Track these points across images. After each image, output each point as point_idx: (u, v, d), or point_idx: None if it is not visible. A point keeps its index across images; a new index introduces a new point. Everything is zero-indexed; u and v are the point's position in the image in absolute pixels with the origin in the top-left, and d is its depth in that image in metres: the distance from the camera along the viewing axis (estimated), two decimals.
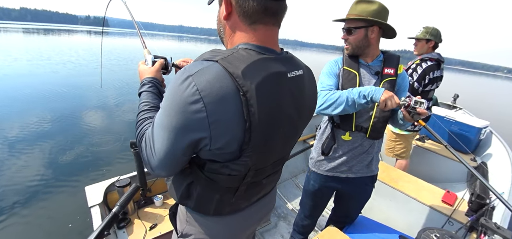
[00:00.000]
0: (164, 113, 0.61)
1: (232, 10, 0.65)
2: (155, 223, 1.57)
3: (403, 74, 1.32)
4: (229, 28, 0.68)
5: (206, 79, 0.56)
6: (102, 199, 1.53)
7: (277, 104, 0.65)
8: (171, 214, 0.93)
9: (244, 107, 0.58)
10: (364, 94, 1.14)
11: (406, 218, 2.00)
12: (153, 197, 1.75)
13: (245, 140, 0.61)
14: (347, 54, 1.34)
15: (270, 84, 0.62)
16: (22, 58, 13.40)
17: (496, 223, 1.39)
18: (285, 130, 0.70)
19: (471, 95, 16.52)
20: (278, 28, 0.69)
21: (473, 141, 3.02)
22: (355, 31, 1.25)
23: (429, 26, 2.23)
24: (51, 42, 26.11)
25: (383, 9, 1.21)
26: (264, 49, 0.65)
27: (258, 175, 0.74)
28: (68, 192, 3.13)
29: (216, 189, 0.72)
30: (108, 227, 0.83)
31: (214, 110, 0.57)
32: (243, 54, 0.61)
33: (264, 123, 0.62)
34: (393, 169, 2.32)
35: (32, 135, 4.45)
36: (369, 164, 1.41)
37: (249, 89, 0.57)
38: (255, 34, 0.65)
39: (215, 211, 0.77)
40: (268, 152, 0.70)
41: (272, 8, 0.63)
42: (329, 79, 1.34)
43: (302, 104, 0.74)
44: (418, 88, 2.20)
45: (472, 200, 1.69)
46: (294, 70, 0.69)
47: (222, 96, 0.56)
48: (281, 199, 2.63)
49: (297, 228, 1.78)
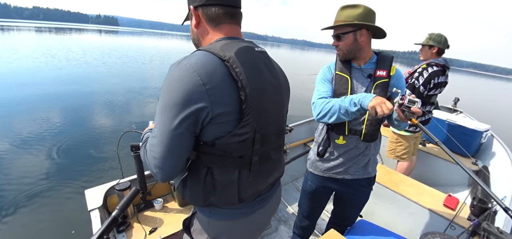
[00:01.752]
0: (162, 98, 0.69)
1: (200, 19, 0.80)
2: (155, 227, 1.56)
3: (398, 74, 1.31)
4: (200, 35, 0.83)
5: (195, 59, 0.68)
6: (102, 203, 1.52)
7: (256, 68, 0.77)
8: (186, 227, 0.94)
9: (231, 71, 0.69)
10: (354, 102, 1.14)
11: (407, 222, 1.98)
12: (153, 200, 1.74)
13: (242, 99, 0.70)
14: (339, 59, 1.35)
15: (245, 53, 0.75)
16: (30, 56, 13.55)
17: (498, 228, 1.37)
18: (271, 93, 0.81)
19: (472, 98, 16.48)
20: (239, 27, 0.84)
21: (474, 145, 3.01)
22: (344, 36, 1.27)
23: (433, 33, 2.29)
24: (62, 41, 26.35)
25: (369, 11, 1.22)
26: (232, 37, 0.80)
27: (265, 143, 0.81)
28: (68, 196, 3.12)
29: (232, 164, 0.76)
30: (107, 231, 0.82)
31: (208, 79, 0.66)
32: (216, 43, 0.75)
33: (251, 81, 0.72)
34: (394, 173, 2.31)
35: (32, 136, 4.44)
36: (365, 166, 1.41)
37: (230, 57, 0.70)
38: (221, 31, 0.80)
39: (240, 197, 0.80)
40: (264, 111, 0.79)
41: (229, 12, 0.79)
42: (324, 86, 1.35)
43: (275, 73, 0.86)
44: (424, 92, 2.24)
45: (474, 204, 1.67)
46: (258, 47, 0.84)
47: (211, 67, 0.68)
48: (282, 202, 2.62)
49: (296, 230, 1.78)
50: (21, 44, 19.51)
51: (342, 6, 1.27)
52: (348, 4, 1.25)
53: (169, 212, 1.72)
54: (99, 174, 3.60)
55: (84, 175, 3.55)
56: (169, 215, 1.69)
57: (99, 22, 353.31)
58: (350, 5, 1.24)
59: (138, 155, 1.60)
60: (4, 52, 14.47)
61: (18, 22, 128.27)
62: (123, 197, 0.92)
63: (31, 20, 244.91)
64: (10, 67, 10.34)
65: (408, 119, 1.11)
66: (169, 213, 1.71)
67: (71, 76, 9.59)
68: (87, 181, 3.41)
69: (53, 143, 4.34)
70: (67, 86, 8.03)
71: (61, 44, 22.03)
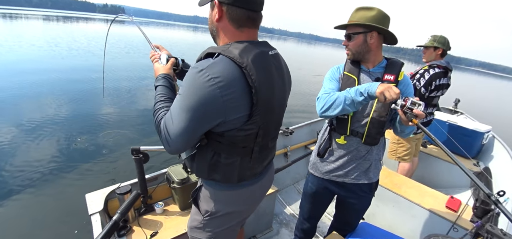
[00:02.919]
0: (183, 98, 0.77)
1: (223, 15, 0.84)
2: (156, 231, 1.55)
3: (406, 81, 1.31)
4: (220, 29, 0.88)
5: (218, 69, 0.75)
6: (103, 207, 1.52)
7: (268, 73, 0.85)
8: (194, 199, 1.06)
9: (248, 78, 0.77)
10: (361, 91, 1.14)
11: (409, 224, 1.97)
12: (154, 204, 1.73)
13: (253, 102, 0.80)
14: (348, 59, 1.36)
15: (260, 58, 0.82)
16: (35, 45, 13.68)
17: (502, 230, 1.36)
18: (277, 94, 0.91)
19: (475, 98, 16.42)
20: (258, 29, 0.91)
21: (475, 146, 3.00)
22: (354, 37, 1.27)
23: (436, 34, 2.31)
24: (68, 29, 26.77)
25: (383, 15, 1.23)
26: (250, 41, 0.86)
27: (266, 136, 0.93)
28: (68, 199, 3.10)
29: (236, 152, 0.88)
30: (108, 235, 0.82)
31: (227, 90, 0.75)
32: (236, 45, 0.81)
33: (263, 86, 0.81)
34: (396, 175, 2.30)
35: (30, 137, 4.43)
36: (366, 171, 1.40)
37: (247, 64, 0.77)
38: (242, 34, 0.86)
39: (239, 178, 0.94)
40: (270, 112, 0.89)
41: (253, 17, 0.85)
42: (330, 83, 1.36)
43: (282, 74, 0.95)
44: (425, 93, 2.24)
45: (476, 206, 1.66)
46: (272, 50, 0.92)
47: (232, 77, 0.75)
48: (283, 205, 2.61)
49: (298, 233, 1.77)
50: (27, 32, 19.76)
51: (357, 7, 1.28)
52: (363, 6, 1.26)
53: (170, 215, 1.71)
54: (100, 178, 3.60)
55: (84, 179, 3.54)
56: (170, 218, 1.68)
57: (106, 11, 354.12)
58: (365, 7, 1.25)
59: (138, 158, 1.60)
60: (10, 40, 14.57)
61: (27, 10, 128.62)
62: (124, 201, 0.92)
63: (39, 8, 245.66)
64: (12, 56, 10.40)
65: (410, 121, 1.11)
66: (170, 216, 1.70)
67: (73, 67, 9.57)
68: (88, 185, 3.41)
69: (53, 145, 4.34)
70: (68, 79, 7.92)
71: (67, 33, 22.29)
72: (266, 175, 1.09)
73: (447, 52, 2.33)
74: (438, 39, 2.29)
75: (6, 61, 9.70)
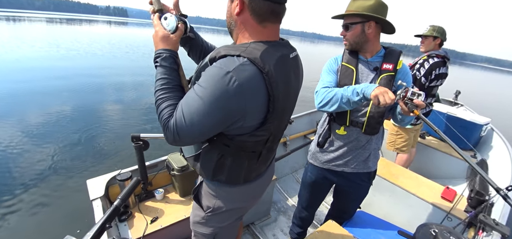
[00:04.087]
0: (204, 102, 0.68)
1: (244, 8, 0.75)
2: (156, 217, 1.59)
3: (405, 69, 1.30)
4: (241, 23, 0.79)
5: (244, 75, 0.68)
6: (104, 192, 1.54)
7: (287, 79, 0.80)
8: (195, 196, 1.04)
9: (267, 85, 0.72)
10: (357, 91, 1.14)
11: (405, 213, 2.01)
12: (154, 190, 1.76)
13: (269, 110, 0.76)
14: (346, 50, 1.35)
15: (281, 65, 0.77)
16: (35, 46, 13.72)
17: (494, 220, 1.40)
18: (292, 101, 0.89)
19: (473, 91, 16.38)
20: (280, 25, 0.83)
21: (474, 138, 3.02)
22: (351, 27, 1.26)
23: (435, 25, 2.31)
24: (70, 31, 26.83)
25: (381, 4, 1.21)
26: (272, 43, 0.79)
27: (275, 141, 0.92)
28: (70, 185, 3.15)
29: (244, 156, 0.86)
30: (109, 220, 0.84)
31: (250, 100, 0.71)
32: (257, 45, 0.75)
33: (281, 95, 0.77)
34: (393, 165, 2.32)
35: (33, 127, 4.46)
36: (366, 160, 1.41)
37: (269, 69, 0.71)
38: (264, 30, 0.78)
39: (245, 179, 0.92)
40: (283, 119, 0.88)
41: (277, 10, 0.77)
42: (328, 76, 1.35)
43: (299, 78, 0.92)
44: (425, 83, 2.26)
45: (471, 197, 1.69)
46: (293, 52, 0.86)
47: (256, 86, 0.70)
48: (281, 193, 2.64)
49: (295, 221, 1.80)
50: (28, 34, 19.78)
51: None
52: None
53: (170, 202, 1.74)
54: (101, 164, 3.63)
55: (86, 165, 3.57)
56: (170, 205, 1.71)
57: (109, 13, 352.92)
58: None
59: (139, 146, 1.61)
60: (12, 42, 14.59)
61: (30, 12, 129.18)
62: (124, 187, 0.94)
63: (42, 10, 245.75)
64: (13, 56, 10.35)
65: (411, 112, 1.11)
66: (170, 203, 1.73)
67: (74, 67, 9.61)
68: (89, 171, 3.45)
69: (54, 135, 4.36)
70: (69, 77, 7.99)
71: (70, 35, 22.38)
72: (267, 171, 1.07)
73: (443, 42, 2.34)
74: (437, 29, 2.29)
75: (12, 59, 9.86)
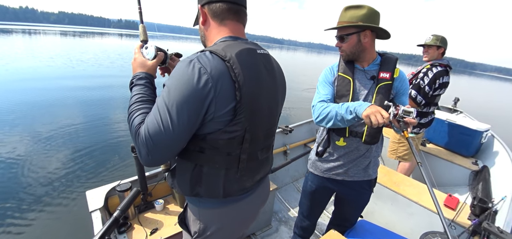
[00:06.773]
0: (173, 92, 0.70)
1: (206, 16, 0.85)
2: (155, 228, 1.56)
3: (402, 76, 1.29)
4: (207, 31, 0.88)
5: (206, 60, 0.72)
6: (103, 204, 1.52)
7: (255, 70, 0.80)
8: (181, 221, 1.00)
9: (230, 71, 0.73)
10: (350, 110, 1.12)
11: (407, 222, 1.98)
12: (154, 201, 1.74)
13: (237, 100, 0.74)
14: (342, 60, 1.34)
15: (246, 54, 0.79)
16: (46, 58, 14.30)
17: (499, 227, 1.38)
18: (266, 96, 0.85)
19: (472, 98, 16.42)
20: (243, 26, 0.89)
21: (474, 145, 3.01)
22: (347, 38, 1.24)
23: (437, 34, 2.36)
24: (83, 44, 28.10)
25: (373, 12, 1.20)
26: (235, 37, 0.84)
27: (254, 142, 0.85)
28: (69, 197, 3.12)
29: (221, 161, 0.81)
30: (109, 232, 0.82)
31: (216, 80, 0.71)
32: (220, 43, 0.80)
33: (248, 82, 0.76)
34: (394, 173, 2.31)
35: (35, 136, 4.45)
36: (366, 168, 1.40)
37: (230, 57, 0.74)
38: (225, 28, 0.85)
39: (225, 192, 0.85)
40: (257, 113, 0.83)
41: (233, 8, 0.84)
42: (324, 88, 1.33)
43: (274, 76, 0.91)
44: (429, 92, 2.27)
45: (474, 204, 1.68)
46: (261, 50, 0.87)
47: (219, 70, 0.72)
48: (282, 203, 2.62)
49: (297, 231, 1.77)
50: (42, 47, 20.60)
51: (346, 7, 1.25)
52: (352, 5, 1.23)
53: (169, 213, 1.72)
54: (100, 175, 3.61)
55: (85, 177, 3.55)
56: (170, 216, 1.69)
57: (121, 26, 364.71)
58: (354, 5, 1.22)
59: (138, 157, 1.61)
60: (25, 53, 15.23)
61: (45, 26, 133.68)
62: (124, 198, 0.93)
63: (57, 24, 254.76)
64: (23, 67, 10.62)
65: (403, 130, 1.09)
66: (170, 214, 1.71)
67: (81, 76, 9.98)
68: (88, 182, 3.42)
69: (55, 143, 4.35)
70: (73, 89, 8.04)
71: (81, 47, 23.45)
72: (256, 190, 0.97)
73: (445, 51, 2.39)
74: (441, 39, 2.33)
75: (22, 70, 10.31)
